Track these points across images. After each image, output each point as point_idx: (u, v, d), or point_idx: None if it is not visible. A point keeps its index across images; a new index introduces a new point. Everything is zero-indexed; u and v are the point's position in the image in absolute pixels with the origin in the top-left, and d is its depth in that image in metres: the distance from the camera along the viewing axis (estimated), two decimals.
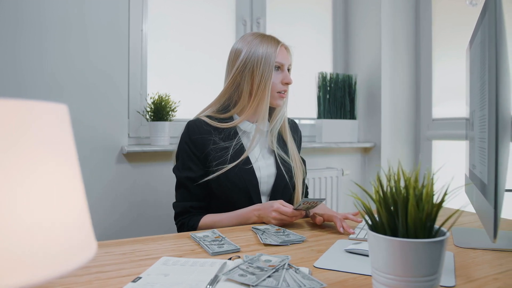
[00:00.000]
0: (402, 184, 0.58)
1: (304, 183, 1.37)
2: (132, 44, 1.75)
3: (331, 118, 2.18)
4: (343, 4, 2.41)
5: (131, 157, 1.67)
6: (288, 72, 1.28)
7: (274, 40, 1.25)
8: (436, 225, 0.58)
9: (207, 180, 1.19)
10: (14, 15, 1.45)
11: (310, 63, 2.29)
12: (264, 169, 1.24)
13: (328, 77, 2.17)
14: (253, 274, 0.68)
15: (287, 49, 1.28)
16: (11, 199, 0.33)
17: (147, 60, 1.80)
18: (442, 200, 0.57)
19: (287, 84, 1.25)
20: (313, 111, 2.24)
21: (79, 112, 1.57)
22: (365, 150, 2.34)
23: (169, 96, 1.72)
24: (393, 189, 0.58)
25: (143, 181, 1.70)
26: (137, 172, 1.69)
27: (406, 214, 0.56)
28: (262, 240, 0.92)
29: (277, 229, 1.03)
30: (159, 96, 1.70)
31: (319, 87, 2.17)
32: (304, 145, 2.05)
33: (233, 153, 1.19)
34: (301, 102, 2.26)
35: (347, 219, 1.09)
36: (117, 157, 1.65)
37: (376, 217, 0.59)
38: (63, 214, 0.37)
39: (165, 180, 1.72)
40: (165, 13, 1.87)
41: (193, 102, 1.88)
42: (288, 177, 1.25)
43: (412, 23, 2.34)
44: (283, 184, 1.24)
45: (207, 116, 1.25)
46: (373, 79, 2.26)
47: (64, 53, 1.54)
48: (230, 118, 1.26)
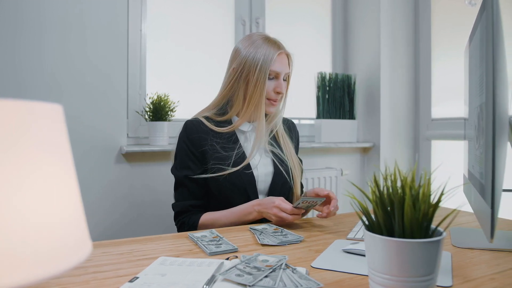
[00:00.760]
0: (399, 184, 0.58)
1: (301, 183, 1.37)
2: (131, 44, 1.75)
3: (330, 118, 2.18)
4: (342, 4, 2.41)
5: (130, 157, 1.67)
6: (286, 81, 1.26)
7: (274, 47, 1.21)
8: (433, 225, 0.58)
9: (205, 179, 1.19)
10: (14, 15, 1.45)
11: (309, 63, 2.29)
12: (262, 168, 1.25)
13: (327, 77, 2.17)
14: (250, 274, 0.68)
15: (288, 56, 1.25)
16: (5, 199, 0.33)
17: (146, 60, 1.80)
18: (439, 200, 0.57)
19: (279, 94, 1.23)
20: (312, 111, 2.24)
21: (78, 112, 1.57)
22: (364, 150, 2.34)
23: (168, 96, 1.72)
24: (390, 189, 0.58)
25: (142, 181, 1.70)
26: (136, 172, 1.69)
27: (403, 214, 0.56)
28: (260, 241, 0.92)
29: (275, 229, 1.02)
30: (158, 96, 1.70)
31: (318, 87, 2.17)
32: (303, 145, 2.05)
33: (235, 158, 1.20)
34: (300, 102, 2.26)
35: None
36: (116, 157, 1.65)
37: (373, 217, 0.59)
38: (58, 214, 0.37)
39: (164, 180, 1.72)
40: (164, 13, 1.87)
41: (192, 102, 1.88)
42: (286, 176, 1.26)
43: (412, 23, 2.34)
44: (281, 183, 1.25)
45: (205, 118, 1.25)
46: (372, 79, 2.26)
47: (64, 53, 1.54)
48: (229, 121, 1.26)
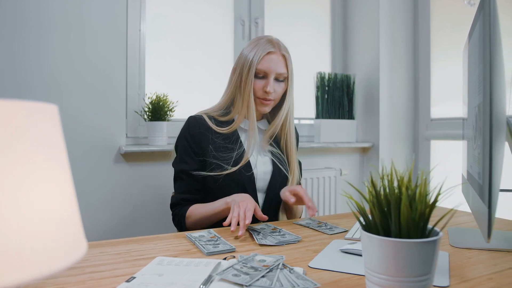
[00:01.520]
0: (396, 184, 0.58)
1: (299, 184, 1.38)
2: (130, 44, 1.75)
3: (330, 118, 2.18)
4: (342, 4, 2.41)
5: (129, 157, 1.67)
6: (281, 82, 1.24)
7: (268, 46, 1.21)
8: (430, 225, 0.58)
9: (204, 175, 1.20)
10: (14, 15, 1.45)
11: (309, 63, 2.29)
12: (261, 166, 1.25)
13: (327, 77, 2.17)
14: (247, 274, 0.68)
15: (285, 58, 1.23)
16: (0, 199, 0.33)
17: (145, 60, 1.80)
18: (436, 200, 0.57)
19: (267, 93, 1.22)
20: (312, 111, 2.24)
21: (77, 112, 1.57)
22: (364, 150, 2.34)
23: (167, 96, 1.72)
24: (386, 189, 0.58)
25: (141, 181, 1.70)
26: (135, 172, 1.69)
27: (399, 214, 0.56)
28: (258, 241, 0.92)
29: (273, 229, 1.03)
30: (157, 96, 1.70)
31: (318, 87, 2.17)
32: (303, 145, 2.05)
33: (236, 158, 1.20)
34: (300, 102, 2.26)
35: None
36: (115, 157, 1.65)
37: (370, 217, 0.59)
38: (52, 214, 0.37)
39: (163, 180, 1.72)
40: (163, 13, 1.87)
41: (191, 102, 1.88)
42: (284, 175, 1.26)
43: (411, 23, 2.34)
44: (279, 182, 1.25)
45: (209, 117, 1.26)
46: (372, 79, 2.26)
47: (63, 53, 1.54)
48: (231, 121, 1.27)
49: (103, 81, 1.62)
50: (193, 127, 1.23)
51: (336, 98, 2.19)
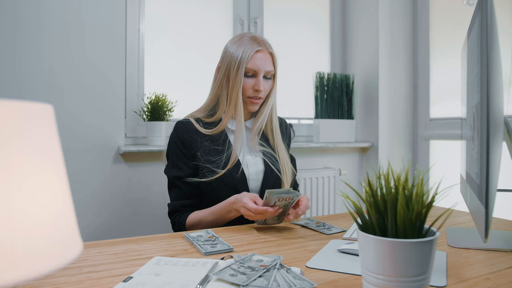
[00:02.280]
0: (393, 184, 0.57)
1: (295, 181, 1.37)
2: (129, 44, 1.75)
3: (329, 118, 2.18)
4: (341, 4, 2.41)
5: (128, 157, 1.67)
6: (269, 79, 1.24)
7: (255, 44, 1.21)
8: (427, 225, 0.58)
9: (198, 182, 1.19)
10: (13, 15, 1.45)
11: (308, 63, 2.29)
12: (252, 166, 1.25)
13: (326, 77, 2.17)
14: (244, 274, 0.68)
15: (272, 55, 1.24)
16: None
17: (144, 60, 1.80)
18: (432, 200, 0.57)
19: (257, 92, 1.22)
20: (311, 111, 2.24)
21: (76, 112, 1.57)
22: (363, 150, 2.33)
23: (166, 96, 1.72)
24: (383, 189, 0.58)
25: (140, 181, 1.70)
26: (134, 172, 1.69)
27: (395, 214, 0.56)
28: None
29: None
30: (156, 96, 1.70)
31: (317, 87, 2.17)
32: (302, 145, 2.05)
33: (226, 160, 1.20)
34: (299, 102, 2.26)
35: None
36: (114, 157, 1.65)
37: (367, 217, 0.59)
38: (47, 213, 0.37)
39: (162, 180, 1.72)
40: (162, 13, 1.87)
41: (190, 102, 1.88)
42: (277, 174, 1.26)
43: (410, 23, 2.34)
44: (272, 181, 1.25)
45: (196, 119, 1.26)
46: (371, 79, 2.26)
47: (62, 53, 1.54)
48: (219, 121, 1.26)
49: (102, 81, 1.62)
50: (181, 132, 1.23)
51: (335, 98, 2.19)
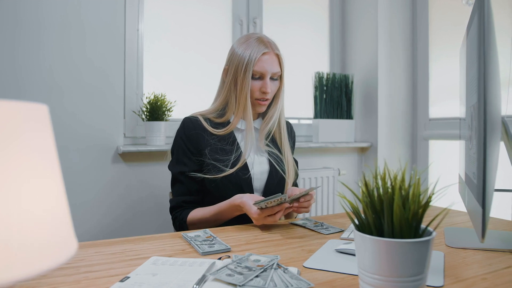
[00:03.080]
0: (389, 184, 0.57)
1: (295, 183, 1.38)
2: (128, 44, 1.75)
3: (328, 118, 2.18)
4: (340, 4, 2.41)
5: (127, 157, 1.67)
6: (275, 80, 1.25)
7: (261, 46, 1.21)
8: (423, 225, 0.58)
9: (202, 177, 1.20)
10: (13, 15, 1.46)
11: (307, 63, 2.29)
12: (257, 166, 1.25)
13: (325, 77, 2.17)
14: (241, 274, 0.68)
15: (278, 56, 1.25)
16: None
17: (143, 60, 1.80)
18: (429, 200, 0.57)
19: (264, 93, 1.23)
20: (310, 111, 2.24)
21: (76, 111, 1.57)
22: (362, 150, 2.33)
23: (165, 96, 1.72)
24: (380, 189, 0.58)
25: (139, 181, 1.70)
26: (133, 172, 1.69)
27: (392, 214, 0.56)
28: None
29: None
30: (155, 96, 1.70)
31: (316, 87, 2.17)
32: (301, 145, 2.05)
33: (234, 160, 1.20)
34: (298, 102, 2.26)
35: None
36: (113, 157, 1.65)
37: (363, 217, 0.59)
38: (41, 212, 0.37)
39: (161, 180, 1.72)
40: (161, 13, 1.87)
41: (189, 102, 1.88)
42: (281, 175, 1.26)
43: (409, 23, 2.34)
44: (276, 181, 1.25)
45: (204, 118, 1.26)
46: (370, 79, 2.25)
47: (62, 53, 1.55)
48: (227, 122, 1.26)
49: (101, 81, 1.62)
50: (188, 128, 1.23)
51: (335, 98, 2.19)
